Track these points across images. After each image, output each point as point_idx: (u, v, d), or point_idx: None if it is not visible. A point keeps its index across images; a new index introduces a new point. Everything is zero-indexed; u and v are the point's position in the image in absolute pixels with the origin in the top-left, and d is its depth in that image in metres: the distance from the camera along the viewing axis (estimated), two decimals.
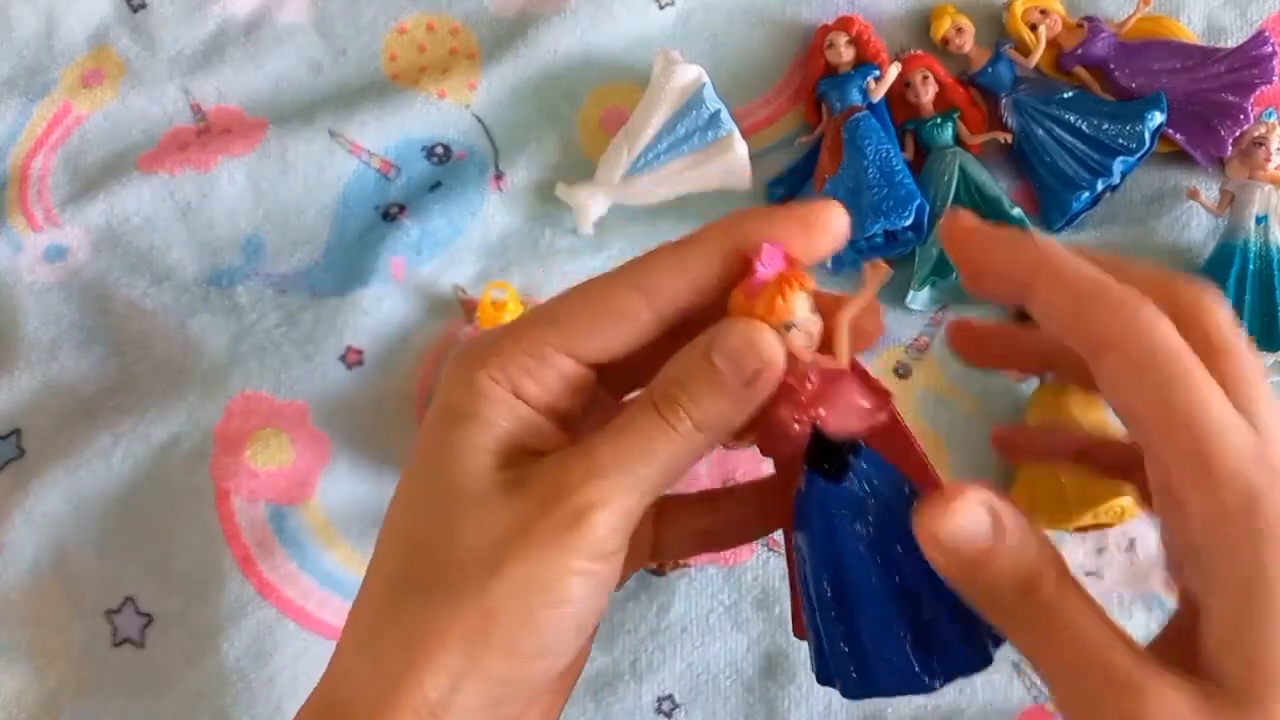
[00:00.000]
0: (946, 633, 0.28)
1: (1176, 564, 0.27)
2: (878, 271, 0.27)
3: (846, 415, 0.27)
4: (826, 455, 0.28)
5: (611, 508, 0.26)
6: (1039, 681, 0.50)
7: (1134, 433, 0.26)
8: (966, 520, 0.25)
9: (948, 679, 0.28)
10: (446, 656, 0.25)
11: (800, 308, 0.26)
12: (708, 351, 0.26)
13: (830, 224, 0.27)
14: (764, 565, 0.53)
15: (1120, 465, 0.33)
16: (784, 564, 0.52)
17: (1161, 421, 0.25)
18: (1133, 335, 0.25)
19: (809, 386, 0.26)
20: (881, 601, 0.27)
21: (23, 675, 0.51)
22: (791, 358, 0.26)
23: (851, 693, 0.28)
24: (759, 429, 0.27)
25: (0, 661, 0.51)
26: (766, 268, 0.26)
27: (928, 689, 0.28)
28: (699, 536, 0.33)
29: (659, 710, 0.51)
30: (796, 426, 0.27)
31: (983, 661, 0.28)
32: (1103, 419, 0.52)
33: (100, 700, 0.51)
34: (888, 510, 0.28)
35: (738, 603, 0.52)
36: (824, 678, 0.29)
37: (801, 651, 0.51)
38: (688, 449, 0.27)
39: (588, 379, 0.28)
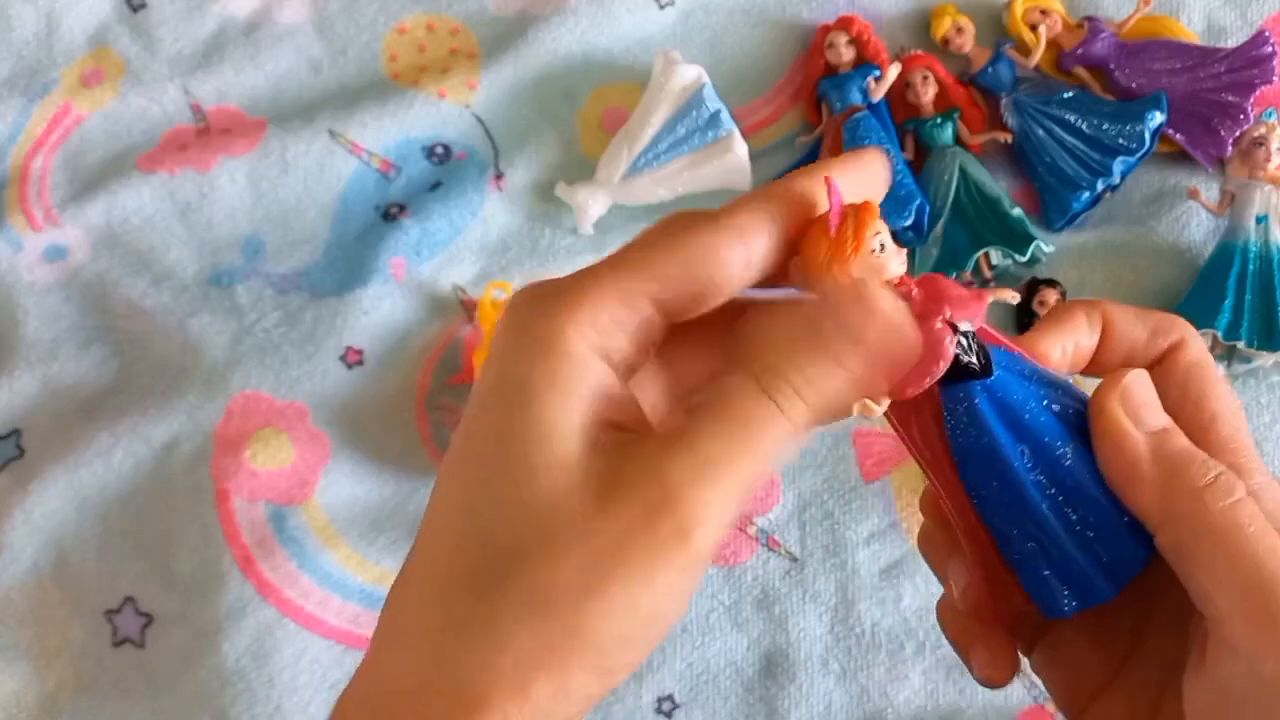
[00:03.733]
0: (1109, 530, 0.27)
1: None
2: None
3: (966, 307, 0.25)
4: (971, 354, 0.26)
5: (721, 515, 0.22)
6: (1039, 681, 0.50)
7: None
8: (1144, 387, 0.26)
9: (1122, 583, 0.27)
10: (533, 680, 0.21)
11: (884, 231, 0.25)
12: (818, 318, 0.22)
13: (878, 168, 0.26)
14: (764, 565, 0.52)
15: None
16: (784, 563, 0.52)
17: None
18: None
19: (917, 295, 0.25)
20: (1083, 488, 0.27)
21: (22, 675, 0.51)
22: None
23: (1067, 606, 0.27)
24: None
25: (0, 661, 0.51)
26: (843, 198, 0.24)
27: (1110, 596, 0.27)
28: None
29: (659, 710, 0.51)
30: (941, 335, 0.25)
31: (1148, 554, 0.27)
32: None
33: (100, 700, 0.50)
34: (1042, 382, 0.27)
35: (738, 603, 0.52)
36: (1044, 601, 0.28)
37: (801, 651, 0.51)
38: (798, 437, 0.23)
39: (659, 339, 0.24)
